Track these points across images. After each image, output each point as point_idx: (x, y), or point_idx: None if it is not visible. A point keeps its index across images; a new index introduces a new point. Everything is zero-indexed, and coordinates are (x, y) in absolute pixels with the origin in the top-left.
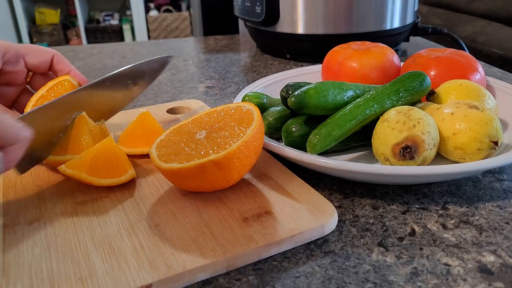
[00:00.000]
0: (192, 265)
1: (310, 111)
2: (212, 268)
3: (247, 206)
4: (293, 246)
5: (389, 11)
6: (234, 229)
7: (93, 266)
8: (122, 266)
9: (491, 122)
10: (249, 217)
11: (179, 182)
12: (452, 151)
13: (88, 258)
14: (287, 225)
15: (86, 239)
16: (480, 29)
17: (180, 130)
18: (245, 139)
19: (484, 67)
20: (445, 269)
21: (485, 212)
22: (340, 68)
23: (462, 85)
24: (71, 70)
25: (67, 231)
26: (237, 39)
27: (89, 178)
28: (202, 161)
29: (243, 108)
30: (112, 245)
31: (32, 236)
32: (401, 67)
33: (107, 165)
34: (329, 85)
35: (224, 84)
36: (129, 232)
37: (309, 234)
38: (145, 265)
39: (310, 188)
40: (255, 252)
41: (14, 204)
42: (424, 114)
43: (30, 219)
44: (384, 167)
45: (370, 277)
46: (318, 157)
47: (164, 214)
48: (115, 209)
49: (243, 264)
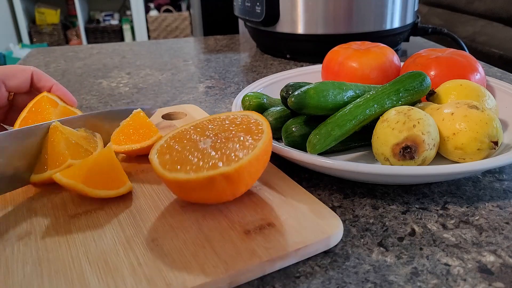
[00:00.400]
0: (192, 283)
1: (310, 111)
2: (214, 285)
3: (248, 218)
4: (298, 260)
5: (389, 11)
6: (236, 243)
7: (88, 285)
8: (118, 284)
9: (491, 122)
10: (251, 230)
11: (182, 193)
12: (452, 151)
13: (82, 276)
14: (291, 238)
15: (80, 256)
16: (480, 29)
17: (182, 136)
18: (257, 153)
19: (484, 67)
20: (445, 269)
21: (485, 212)
22: (340, 68)
23: (462, 85)
24: (53, 85)
25: (59, 247)
26: (237, 39)
27: (85, 188)
28: (212, 173)
29: (250, 118)
30: (107, 261)
31: (23, 252)
32: (401, 67)
33: (105, 176)
34: (329, 85)
35: (224, 84)
36: (125, 248)
37: (314, 247)
38: (143, 284)
39: (314, 198)
40: (259, 267)
41: (3, 218)
42: (424, 114)
43: (20, 233)
44: (384, 167)
45: (370, 277)
46: (318, 157)
47: (162, 228)
48: (110, 222)
49: (246, 280)
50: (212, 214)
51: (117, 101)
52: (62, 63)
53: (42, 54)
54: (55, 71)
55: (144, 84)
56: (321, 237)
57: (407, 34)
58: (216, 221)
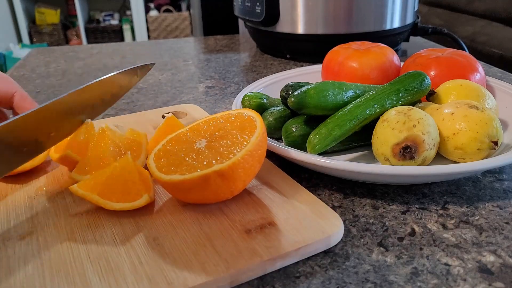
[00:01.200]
0: (194, 282)
1: (310, 111)
2: (215, 284)
3: (249, 217)
4: (299, 259)
5: (389, 11)
6: (236, 242)
7: (89, 284)
8: (120, 283)
9: (491, 122)
10: (252, 229)
11: (180, 194)
12: (452, 151)
13: (84, 275)
14: (292, 237)
15: (81, 255)
16: (480, 29)
17: (178, 139)
18: (250, 148)
19: (484, 67)
20: (445, 269)
21: (485, 212)
22: (340, 68)
23: (462, 85)
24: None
25: (61, 246)
26: (237, 39)
27: (100, 200)
28: (206, 172)
29: (244, 115)
30: (109, 260)
31: (24, 252)
32: (401, 67)
33: (121, 188)
34: (329, 85)
35: (224, 84)
36: (126, 247)
37: (315, 247)
38: (144, 282)
39: (314, 197)
40: (260, 266)
41: (4, 218)
42: (424, 114)
43: (21, 233)
44: (384, 167)
45: (370, 277)
46: (318, 157)
47: (163, 227)
48: (111, 221)
49: (247, 279)
50: (213, 213)
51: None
52: (62, 63)
53: (42, 54)
54: (55, 71)
55: (144, 84)
56: (322, 237)
57: (407, 34)
58: (217, 220)
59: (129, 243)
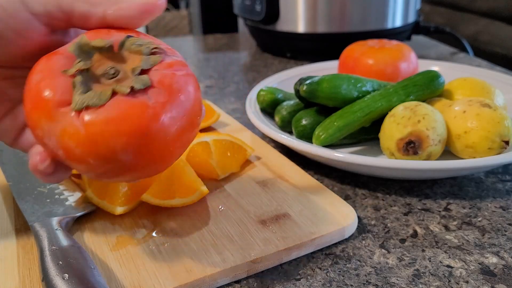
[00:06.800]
0: (212, 270)
1: (322, 100)
2: (233, 272)
3: (263, 209)
4: (314, 249)
5: (391, 9)
6: (252, 232)
7: (111, 270)
8: (140, 271)
9: (503, 122)
10: (267, 220)
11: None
12: (463, 150)
13: (105, 262)
14: (307, 228)
15: (101, 244)
16: (482, 28)
17: None
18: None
19: (486, 66)
20: (448, 271)
21: (488, 213)
22: (355, 64)
23: (466, 80)
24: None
25: (82, 236)
26: (236, 38)
27: (161, 202)
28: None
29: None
30: (129, 249)
31: None
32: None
33: (178, 185)
34: (344, 77)
35: (223, 84)
36: (145, 237)
37: (329, 238)
38: (164, 270)
39: (327, 189)
40: (276, 256)
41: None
42: (431, 109)
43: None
44: (385, 160)
45: (372, 279)
46: (323, 148)
47: (180, 218)
48: (129, 212)
49: (263, 268)
50: (228, 205)
51: None
52: None
53: None
54: None
55: None
56: (336, 228)
57: (409, 33)
58: (232, 212)
59: (148, 234)
